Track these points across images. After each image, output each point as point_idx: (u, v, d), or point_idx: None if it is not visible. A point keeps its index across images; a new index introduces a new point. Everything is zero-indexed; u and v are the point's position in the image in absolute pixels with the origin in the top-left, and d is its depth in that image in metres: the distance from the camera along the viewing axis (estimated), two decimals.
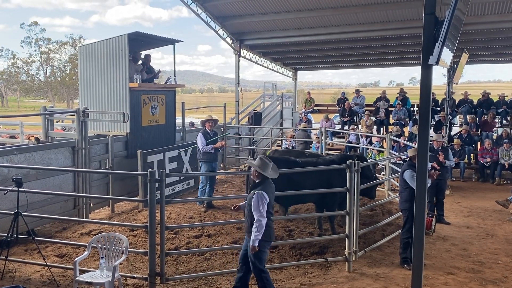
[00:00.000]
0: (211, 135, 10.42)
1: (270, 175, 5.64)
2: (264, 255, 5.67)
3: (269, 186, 5.65)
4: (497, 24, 14.30)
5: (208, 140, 10.23)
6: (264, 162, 5.65)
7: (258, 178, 5.66)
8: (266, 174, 5.60)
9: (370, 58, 20.43)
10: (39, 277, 6.54)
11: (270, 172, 5.63)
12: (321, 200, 8.44)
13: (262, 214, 5.43)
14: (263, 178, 5.63)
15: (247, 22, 16.45)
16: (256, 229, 5.44)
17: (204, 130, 10.43)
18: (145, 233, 7.80)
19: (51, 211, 8.43)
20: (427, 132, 4.48)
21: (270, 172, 5.63)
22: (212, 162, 10.36)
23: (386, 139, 12.92)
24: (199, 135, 10.35)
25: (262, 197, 5.45)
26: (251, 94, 52.79)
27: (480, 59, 19.29)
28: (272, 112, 19.95)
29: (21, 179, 6.37)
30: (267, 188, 5.58)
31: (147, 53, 11.58)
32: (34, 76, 59.33)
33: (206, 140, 10.22)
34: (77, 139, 9.18)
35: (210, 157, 10.27)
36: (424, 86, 4.34)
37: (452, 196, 12.16)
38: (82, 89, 10.86)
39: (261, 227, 5.44)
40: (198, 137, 10.32)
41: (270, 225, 5.61)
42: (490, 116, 15.93)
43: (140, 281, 6.30)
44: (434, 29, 4.15)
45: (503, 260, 7.54)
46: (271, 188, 5.67)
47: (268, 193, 5.52)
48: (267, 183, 5.64)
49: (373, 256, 7.51)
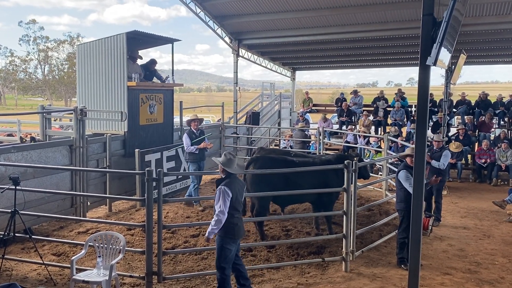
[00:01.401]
0: (197, 134, 10.45)
1: (234, 171, 5.65)
2: (229, 253, 5.63)
3: (235, 183, 5.66)
4: (495, 25, 14.32)
5: (193, 141, 10.26)
6: (229, 158, 5.66)
7: (223, 174, 5.67)
8: (230, 170, 5.60)
9: (368, 59, 20.45)
10: (36, 276, 6.53)
11: (234, 168, 5.64)
12: (318, 200, 8.45)
13: (222, 210, 5.46)
14: (228, 174, 5.65)
15: (246, 21, 16.45)
16: (214, 223, 5.50)
17: (189, 130, 10.45)
18: (142, 232, 7.80)
19: (48, 209, 8.41)
20: (424, 132, 4.48)
21: (235, 168, 5.65)
22: (199, 161, 10.42)
23: (384, 139, 12.94)
24: (184, 135, 10.39)
25: (224, 193, 5.48)
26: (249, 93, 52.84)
27: (478, 60, 19.33)
28: (270, 111, 19.95)
29: (18, 177, 6.37)
30: (232, 184, 5.58)
31: (152, 59, 11.58)
32: (32, 74, 59.19)
33: (191, 140, 10.25)
34: (75, 138, 9.17)
35: (196, 157, 10.34)
36: (422, 86, 4.34)
37: (449, 197, 12.18)
38: (80, 88, 10.84)
39: (219, 222, 5.48)
40: (184, 137, 10.37)
41: (235, 222, 5.62)
42: (488, 117, 15.97)
43: (137, 280, 6.30)
44: (432, 29, 4.16)
45: (499, 260, 7.56)
46: (237, 185, 5.67)
47: (232, 189, 5.54)
48: (232, 179, 5.65)
49: (370, 256, 7.52)
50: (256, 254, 7.37)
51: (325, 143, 14.60)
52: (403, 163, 7.41)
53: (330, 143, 16.73)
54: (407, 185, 6.98)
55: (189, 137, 10.28)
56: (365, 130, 16.49)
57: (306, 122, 18.05)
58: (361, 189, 10.05)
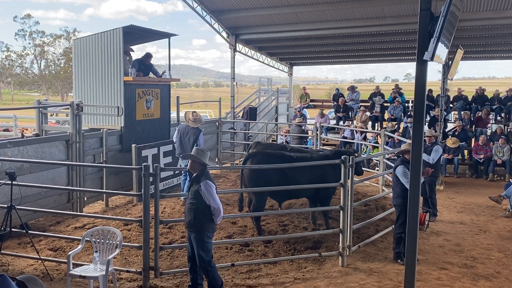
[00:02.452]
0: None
1: (210, 164, 5.75)
2: (210, 246, 5.70)
3: (209, 175, 5.75)
4: (492, 20, 14.33)
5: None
6: (202, 151, 5.72)
7: (198, 168, 5.68)
8: (208, 163, 5.67)
9: (366, 54, 20.43)
10: (32, 271, 6.52)
11: (208, 161, 5.70)
12: (315, 195, 8.46)
13: (217, 201, 5.54)
14: (203, 168, 5.69)
15: (243, 16, 16.39)
16: (216, 217, 5.61)
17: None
18: (139, 227, 7.78)
19: (44, 204, 8.40)
20: (421, 127, 4.49)
21: (209, 161, 5.71)
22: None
23: (380, 135, 12.96)
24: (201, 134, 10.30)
25: (211, 186, 5.54)
26: (247, 89, 52.76)
27: (475, 55, 19.35)
28: (267, 107, 19.93)
29: (14, 172, 6.35)
30: (209, 177, 5.67)
31: (147, 52, 11.52)
32: (28, 69, 58.83)
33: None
34: (71, 133, 9.14)
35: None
36: (419, 81, 4.34)
37: (445, 192, 12.22)
38: (76, 83, 10.81)
39: (219, 211, 5.59)
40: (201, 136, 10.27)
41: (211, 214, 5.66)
42: (485, 112, 15.99)
43: (134, 275, 6.31)
44: (429, 24, 4.16)
45: (495, 255, 7.59)
46: (211, 177, 5.74)
47: (212, 181, 5.64)
48: (207, 172, 5.72)
49: (367, 251, 7.54)
50: (253, 249, 7.38)
51: (322, 138, 14.60)
52: (400, 158, 7.42)
53: (327, 139, 16.75)
54: (404, 181, 6.99)
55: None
56: (362, 125, 16.51)
57: (303, 118, 18.04)
58: (358, 184, 10.09)
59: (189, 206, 5.65)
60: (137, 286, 6.12)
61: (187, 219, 5.72)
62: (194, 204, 5.60)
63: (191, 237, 5.71)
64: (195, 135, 10.13)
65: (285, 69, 23.12)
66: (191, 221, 5.63)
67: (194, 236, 5.65)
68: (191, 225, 5.65)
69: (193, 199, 5.60)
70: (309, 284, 6.25)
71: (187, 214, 5.69)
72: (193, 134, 10.14)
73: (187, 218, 5.71)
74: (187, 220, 5.72)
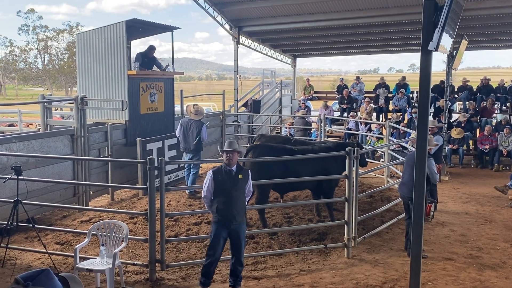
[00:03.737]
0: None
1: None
2: None
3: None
4: (497, 9, 14.19)
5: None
6: (233, 141, 5.78)
7: (237, 159, 5.74)
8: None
9: (370, 45, 20.31)
10: (39, 265, 6.57)
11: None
12: (318, 187, 8.46)
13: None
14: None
15: (246, 8, 16.31)
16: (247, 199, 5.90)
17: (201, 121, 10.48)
18: (145, 220, 7.80)
19: (50, 199, 8.45)
20: (426, 118, 4.47)
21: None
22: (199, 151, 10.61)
23: (385, 126, 12.92)
24: (204, 127, 10.36)
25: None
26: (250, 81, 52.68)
27: (479, 45, 19.19)
28: (271, 99, 19.89)
29: (20, 167, 6.37)
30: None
31: (151, 45, 11.49)
32: (32, 64, 58.92)
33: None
34: (76, 127, 9.16)
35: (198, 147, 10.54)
36: (423, 72, 4.32)
37: (451, 183, 12.20)
38: (80, 77, 10.81)
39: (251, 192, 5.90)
40: (204, 129, 10.32)
41: None
42: (489, 102, 15.90)
43: (141, 268, 6.34)
44: (433, 14, 4.13)
45: (501, 245, 7.58)
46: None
47: None
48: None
49: (372, 242, 7.55)
50: (259, 241, 7.40)
51: (326, 130, 14.58)
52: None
53: (331, 130, 16.72)
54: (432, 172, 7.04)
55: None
56: (367, 117, 16.47)
57: (307, 110, 18.01)
58: (363, 176, 10.07)
59: (235, 198, 5.60)
60: (144, 279, 6.16)
61: (232, 213, 5.58)
62: (240, 196, 5.65)
63: (237, 229, 5.63)
64: (198, 128, 10.17)
65: (288, 61, 23.02)
66: (240, 213, 5.63)
67: (241, 227, 5.67)
68: (240, 217, 5.64)
69: (238, 190, 5.62)
70: (314, 276, 6.27)
71: (232, 208, 5.58)
72: (196, 127, 10.18)
73: (232, 211, 5.59)
74: (232, 213, 5.58)
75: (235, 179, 5.62)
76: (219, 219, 5.60)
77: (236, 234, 5.66)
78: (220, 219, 5.60)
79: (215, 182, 5.61)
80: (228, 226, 5.59)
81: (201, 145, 10.48)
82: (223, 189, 5.59)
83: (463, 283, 6.11)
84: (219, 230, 5.61)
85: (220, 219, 5.60)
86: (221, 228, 5.60)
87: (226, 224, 5.59)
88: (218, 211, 5.59)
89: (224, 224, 5.59)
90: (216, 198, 5.63)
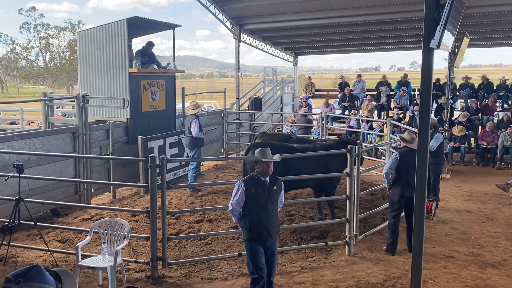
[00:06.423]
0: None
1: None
2: None
3: None
4: (499, 7, 14.15)
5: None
6: (266, 150, 5.18)
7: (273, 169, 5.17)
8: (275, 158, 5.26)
9: (371, 42, 20.26)
10: (41, 262, 6.58)
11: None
12: (319, 185, 8.45)
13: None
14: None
15: (247, 6, 16.27)
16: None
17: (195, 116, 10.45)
18: (146, 218, 7.83)
19: (52, 197, 8.45)
20: (428, 115, 4.46)
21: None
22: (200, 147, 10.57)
23: (386, 124, 12.90)
24: (195, 121, 10.33)
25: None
26: (251, 79, 52.61)
27: (481, 42, 19.12)
28: (272, 97, 19.86)
29: (22, 165, 6.39)
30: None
31: (149, 41, 11.49)
32: (34, 62, 59.04)
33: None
34: (78, 125, 9.17)
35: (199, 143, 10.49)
36: (425, 69, 4.31)
37: (452, 180, 12.19)
38: (81, 75, 10.82)
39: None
40: (195, 123, 10.30)
41: None
42: (491, 100, 15.87)
43: (142, 265, 6.35)
44: (435, 12, 4.11)
45: (502, 243, 7.58)
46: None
47: None
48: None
49: (374, 240, 7.55)
50: None
51: (327, 128, 14.57)
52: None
53: (332, 128, 16.70)
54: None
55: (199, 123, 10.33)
56: (368, 114, 16.45)
57: (308, 108, 17.98)
58: (364, 174, 10.06)
59: (271, 213, 5.07)
60: (145, 276, 6.17)
61: (268, 229, 5.04)
62: (275, 210, 5.19)
63: (271, 246, 5.12)
64: (190, 122, 10.23)
65: (290, 59, 22.97)
66: (275, 228, 5.16)
67: (275, 244, 5.22)
68: (275, 233, 5.16)
69: (273, 203, 5.14)
70: (316, 273, 6.28)
71: (268, 223, 5.04)
72: (190, 121, 10.25)
73: (268, 227, 5.04)
74: (268, 229, 5.04)
75: (270, 190, 5.08)
76: (253, 237, 5.03)
77: (270, 252, 5.13)
78: (253, 237, 5.03)
79: (247, 194, 5.02)
80: (263, 243, 5.06)
81: (199, 140, 10.39)
82: (257, 203, 5.01)
83: (464, 281, 6.11)
84: (255, 246, 5.03)
85: (254, 236, 5.03)
86: (257, 245, 5.04)
87: (261, 242, 5.05)
88: (252, 228, 5.01)
89: (259, 241, 5.04)
90: (248, 212, 5.04)
